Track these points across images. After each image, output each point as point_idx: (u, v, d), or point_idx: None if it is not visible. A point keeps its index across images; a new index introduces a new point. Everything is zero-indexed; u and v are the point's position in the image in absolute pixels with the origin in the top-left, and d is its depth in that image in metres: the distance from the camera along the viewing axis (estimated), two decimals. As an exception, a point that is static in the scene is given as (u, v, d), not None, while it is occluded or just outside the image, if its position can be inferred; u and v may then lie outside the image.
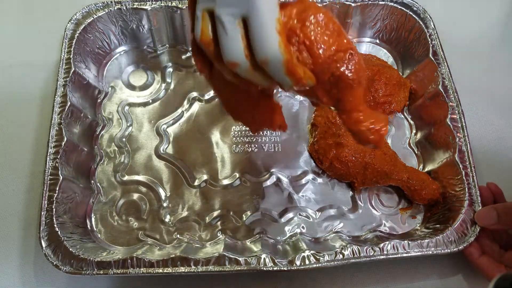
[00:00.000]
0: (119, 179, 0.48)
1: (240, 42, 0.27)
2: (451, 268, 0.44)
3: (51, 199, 0.42)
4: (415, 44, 0.53)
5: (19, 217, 0.46)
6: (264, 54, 0.27)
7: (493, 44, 0.59)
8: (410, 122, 0.52)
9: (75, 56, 0.49)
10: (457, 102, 0.47)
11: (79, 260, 0.39)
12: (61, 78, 0.47)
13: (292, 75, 0.28)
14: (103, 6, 0.51)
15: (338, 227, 0.46)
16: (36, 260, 0.44)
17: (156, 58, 0.55)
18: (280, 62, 0.27)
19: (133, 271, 0.39)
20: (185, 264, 0.39)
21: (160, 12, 0.52)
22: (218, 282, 0.44)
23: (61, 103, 0.46)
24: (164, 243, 0.45)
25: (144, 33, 0.54)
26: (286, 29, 0.28)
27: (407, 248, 0.41)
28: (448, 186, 0.45)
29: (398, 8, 0.53)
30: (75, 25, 0.51)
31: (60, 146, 0.44)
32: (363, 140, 0.32)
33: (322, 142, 0.47)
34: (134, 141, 0.50)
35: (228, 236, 0.45)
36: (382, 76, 0.50)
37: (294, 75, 0.28)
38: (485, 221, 0.41)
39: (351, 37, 0.57)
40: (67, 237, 0.41)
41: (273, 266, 0.40)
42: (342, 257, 0.40)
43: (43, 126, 0.51)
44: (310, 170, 0.49)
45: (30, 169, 0.49)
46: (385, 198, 0.48)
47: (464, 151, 0.45)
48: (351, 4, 0.53)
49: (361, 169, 0.46)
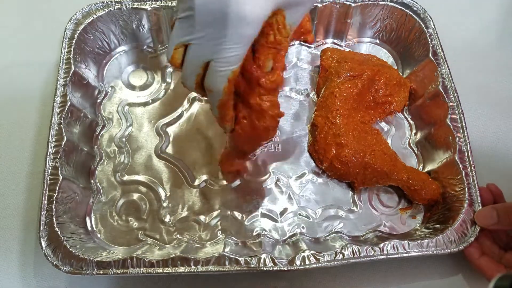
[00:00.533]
0: (119, 179, 0.48)
1: (195, 77, 0.33)
2: (451, 268, 0.44)
3: (51, 199, 0.42)
4: (415, 44, 0.53)
5: (19, 217, 0.46)
6: (211, 87, 0.32)
7: (493, 44, 0.59)
8: (410, 122, 0.52)
9: (75, 56, 0.49)
10: (457, 102, 0.47)
11: (79, 260, 0.39)
12: (61, 78, 0.47)
13: (220, 111, 0.34)
14: (103, 6, 0.51)
15: (338, 227, 0.46)
16: (36, 260, 0.44)
17: (156, 58, 0.55)
18: (218, 98, 0.33)
19: (133, 271, 0.39)
20: (185, 264, 0.39)
21: (160, 12, 0.52)
22: (218, 282, 0.44)
23: (61, 103, 0.46)
24: (164, 243, 0.45)
25: (144, 33, 0.54)
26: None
27: (407, 248, 0.41)
28: (448, 186, 0.45)
29: (398, 8, 0.53)
30: (75, 25, 0.51)
31: (60, 146, 0.44)
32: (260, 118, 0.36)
33: (322, 142, 0.47)
34: (134, 141, 0.50)
35: (228, 236, 0.45)
36: (382, 76, 0.50)
37: (222, 113, 0.35)
38: (485, 221, 0.41)
39: (351, 37, 0.57)
40: (67, 237, 0.41)
41: (273, 266, 0.40)
42: (342, 257, 0.40)
43: (43, 126, 0.51)
44: (310, 170, 0.49)
45: (29, 169, 0.49)
46: (385, 198, 0.48)
47: (464, 151, 0.45)
48: (351, 4, 0.53)
49: (361, 169, 0.46)
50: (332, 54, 0.52)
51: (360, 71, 0.49)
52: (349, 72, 0.49)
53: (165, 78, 0.54)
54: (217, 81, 0.32)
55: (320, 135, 0.48)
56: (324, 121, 0.48)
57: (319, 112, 0.49)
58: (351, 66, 0.50)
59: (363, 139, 0.47)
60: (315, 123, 0.49)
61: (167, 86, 0.54)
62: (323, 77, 0.52)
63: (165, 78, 0.54)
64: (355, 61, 0.51)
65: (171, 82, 0.54)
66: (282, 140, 0.51)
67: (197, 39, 0.30)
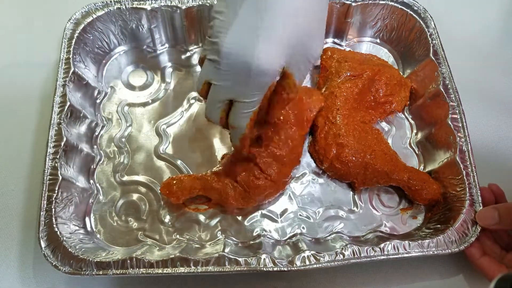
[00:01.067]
0: (119, 179, 0.48)
1: (220, 112, 0.37)
2: (451, 269, 0.44)
3: (50, 199, 0.41)
4: (416, 44, 0.53)
5: (18, 217, 0.46)
6: (234, 124, 0.37)
7: (494, 43, 0.59)
8: (410, 122, 0.52)
9: (74, 56, 0.49)
10: (458, 101, 0.47)
11: (79, 260, 0.39)
12: (61, 78, 0.47)
13: (241, 143, 0.39)
14: (102, 5, 0.51)
15: (339, 228, 0.46)
16: (35, 261, 0.44)
17: (156, 58, 0.55)
18: (241, 132, 0.37)
19: (133, 271, 0.39)
20: (184, 265, 0.39)
21: (160, 12, 0.52)
22: (218, 283, 0.43)
23: (60, 103, 0.46)
24: (163, 244, 0.45)
25: (144, 33, 0.54)
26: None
27: (408, 248, 0.40)
28: (449, 186, 0.45)
29: (399, 8, 0.53)
30: (74, 25, 0.51)
31: (60, 146, 0.44)
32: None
33: (322, 142, 0.47)
34: (134, 141, 0.50)
35: (228, 236, 0.45)
36: (382, 76, 0.50)
37: (243, 145, 0.39)
38: (486, 221, 0.41)
39: (352, 37, 0.57)
40: (66, 238, 0.41)
41: (273, 266, 0.39)
42: (343, 258, 0.40)
43: (42, 126, 0.51)
44: (310, 170, 0.49)
45: (29, 169, 0.49)
46: (385, 198, 0.48)
47: (465, 151, 0.45)
48: (351, 3, 0.52)
49: (361, 169, 0.46)
50: (333, 54, 0.52)
51: (360, 70, 0.49)
52: (350, 72, 0.49)
53: (165, 78, 0.54)
54: (241, 120, 0.36)
55: (320, 135, 0.48)
56: (325, 121, 0.48)
57: (319, 112, 0.49)
58: (351, 66, 0.50)
59: (364, 139, 0.47)
60: (315, 123, 0.49)
61: (167, 86, 0.54)
62: (324, 77, 0.52)
63: (165, 78, 0.54)
64: (356, 61, 0.50)
65: (171, 82, 0.54)
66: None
67: (222, 81, 0.34)
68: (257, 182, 0.44)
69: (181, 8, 0.52)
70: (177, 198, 0.44)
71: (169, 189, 0.44)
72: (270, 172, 0.44)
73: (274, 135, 0.45)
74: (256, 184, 0.44)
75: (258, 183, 0.44)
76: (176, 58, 0.55)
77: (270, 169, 0.44)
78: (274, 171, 0.44)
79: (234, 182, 0.44)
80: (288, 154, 0.45)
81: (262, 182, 0.44)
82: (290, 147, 0.46)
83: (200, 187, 0.45)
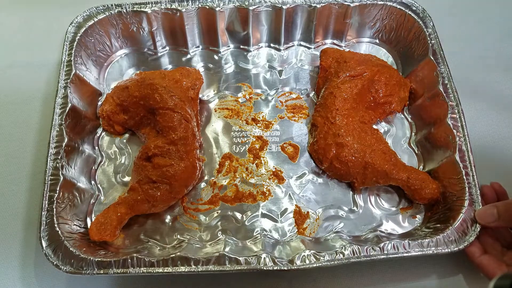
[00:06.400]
0: (120, 180, 0.48)
1: None
2: (451, 268, 0.44)
3: (51, 199, 0.42)
4: (415, 44, 0.53)
5: (19, 217, 0.47)
6: None
7: (494, 43, 0.59)
8: (410, 121, 0.52)
9: (76, 58, 0.50)
10: (457, 101, 0.47)
11: (80, 259, 0.39)
12: (62, 80, 0.48)
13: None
14: (103, 9, 0.52)
15: (339, 227, 0.46)
16: (36, 260, 0.44)
17: (157, 61, 0.56)
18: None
19: (133, 270, 0.39)
20: (185, 264, 0.39)
21: (160, 15, 0.53)
22: (218, 282, 0.44)
23: (62, 105, 0.46)
24: (164, 244, 0.45)
25: (145, 36, 0.55)
26: None
27: (408, 247, 0.40)
28: (449, 186, 0.45)
29: (397, 8, 0.53)
30: (76, 28, 0.51)
31: (61, 147, 0.44)
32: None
33: (322, 142, 0.47)
34: (135, 143, 0.50)
35: (228, 236, 0.45)
36: (382, 76, 0.50)
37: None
38: (485, 219, 0.41)
39: (351, 37, 0.57)
40: (67, 237, 0.41)
41: (273, 265, 0.40)
42: (342, 257, 0.40)
43: (44, 126, 0.51)
44: (310, 170, 0.49)
45: (30, 169, 0.49)
46: (385, 198, 0.48)
47: (464, 151, 0.45)
48: (349, 4, 0.53)
49: (361, 169, 0.46)
50: (332, 54, 0.52)
51: (359, 71, 0.49)
52: (349, 72, 0.49)
53: (166, 79, 0.55)
54: None
55: (320, 135, 0.48)
56: (324, 121, 0.48)
57: (319, 112, 0.49)
58: (350, 66, 0.50)
59: (363, 139, 0.47)
60: (315, 123, 0.49)
61: (167, 88, 0.54)
62: (323, 77, 0.52)
63: (166, 80, 0.54)
64: (355, 61, 0.51)
65: (172, 83, 0.54)
66: (282, 140, 0.51)
67: None
68: (171, 170, 0.43)
69: (181, 11, 0.52)
70: (112, 234, 0.43)
71: (98, 231, 0.42)
72: (176, 155, 0.44)
73: (165, 123, 0.45)
74: (171, 173, 0.43)
75: (173, 170, 0.43)
76: (177, 60, 0.56)
77: (174, 154, 0.44)
78: (180, 152, 0.44)
79: (152, 183, 0.44)
80: (182, 131, 0.45)
81: (176, 167, 0.43)
82: (183, 125, 0.45)
83: (126, 209, 0.44)
